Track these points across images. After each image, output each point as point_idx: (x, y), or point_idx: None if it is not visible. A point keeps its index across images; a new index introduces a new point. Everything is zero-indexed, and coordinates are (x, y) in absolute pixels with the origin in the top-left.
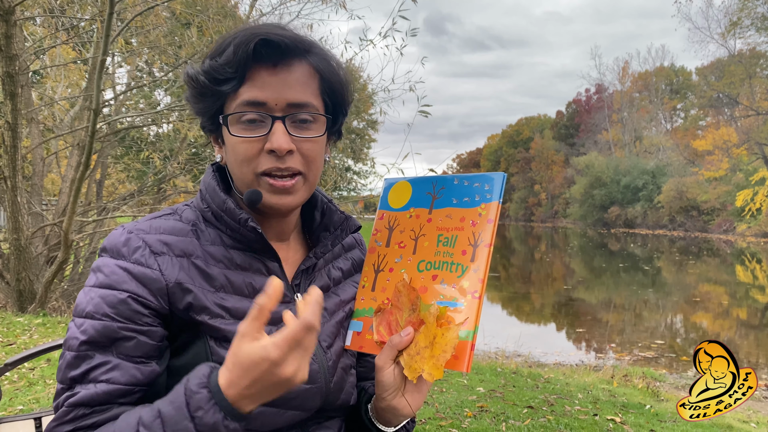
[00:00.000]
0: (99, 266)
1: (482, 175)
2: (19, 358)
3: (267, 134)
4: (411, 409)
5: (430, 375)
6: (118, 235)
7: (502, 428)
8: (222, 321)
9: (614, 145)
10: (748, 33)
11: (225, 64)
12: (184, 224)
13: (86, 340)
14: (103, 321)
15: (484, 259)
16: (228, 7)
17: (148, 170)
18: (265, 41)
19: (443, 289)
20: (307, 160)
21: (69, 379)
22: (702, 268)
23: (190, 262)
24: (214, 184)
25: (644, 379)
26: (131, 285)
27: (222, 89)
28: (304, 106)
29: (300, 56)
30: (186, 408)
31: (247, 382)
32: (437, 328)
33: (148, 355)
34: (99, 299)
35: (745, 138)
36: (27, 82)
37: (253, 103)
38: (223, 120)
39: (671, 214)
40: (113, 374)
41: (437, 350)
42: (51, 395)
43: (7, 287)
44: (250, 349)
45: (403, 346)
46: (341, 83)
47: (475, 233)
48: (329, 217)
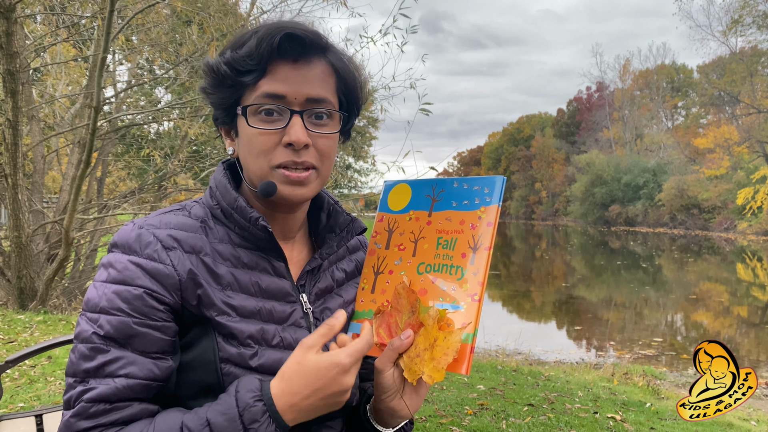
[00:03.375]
0: (110, 261)
1: (482, 178)
2: (20, 356)
3: (284, 127)
4: (409, 411)
5: (431, 377)
6: (129, 230)
7: (503, 426)
8: (228, 318)
9: (615, 143)
10: (749, 31)
11: (247, 56)
12: (194, 220)
13: (102, 335)
14: (118, 316)
15: (484, 262)
16: (229, 4)
17: (149, 168)
18: (290, 36)
19: (443, 291)
20: (322, 155)
21: (83, 371)
22: (703, 266)
23: (198, 259)
24: (225, 182)
25: (645, 377)
26: (145, 281)
27: (243, 80)
28: (322, 102)
29: (320, 53)
30: (240, 420)
31: (308, 391)
32: (438, 330)
33: (163, 350)
34: (113, 295)
35: (746, 136)
36: (28, 79)
37: (273, 96)
38: (242, 111)
39: (672, 212)
40: (131, 369)
41: (438, 353)
42: (52, 393)
43: (8, 284)
44: (319, 358)
45: (403, 349)
46: (356, 83)
47: (474, 236)
48: (335, 218)
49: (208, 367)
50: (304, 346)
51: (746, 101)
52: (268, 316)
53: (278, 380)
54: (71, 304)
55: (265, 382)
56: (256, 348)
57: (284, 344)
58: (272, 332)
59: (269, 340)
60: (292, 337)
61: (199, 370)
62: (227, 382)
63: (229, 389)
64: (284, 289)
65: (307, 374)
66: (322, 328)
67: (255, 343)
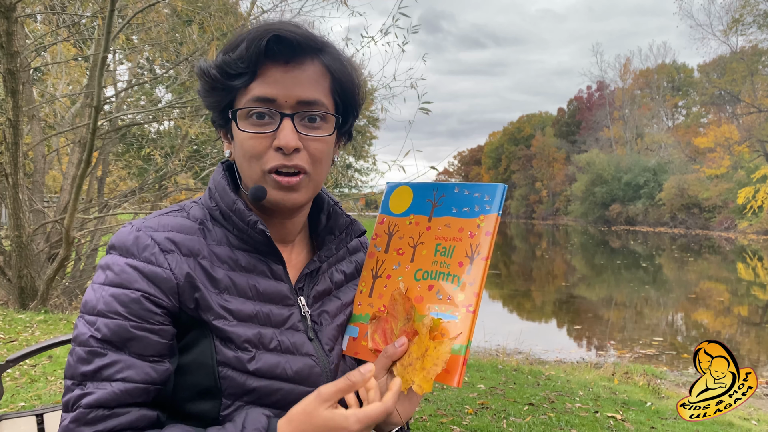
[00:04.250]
0: (108, 264)
1: (483, 185)
2: (20, 355)
3: (275, 131)
4: (401, 419)
5: (420, 387)
6: (127, 232)
7: (503, 425)
8: (225, 322)
9: (615, 143)
10: (750, 30)
11: (237, 59)
12: (192, 222)
13: (99, 338)
14: (115, 320)
15: (480, 272)
16: (229, 4)
17: (150, 167)
18: (278, 38)
19: (438, 300)
20: (314, 159)
21: (80, 374)
22: (703, 265)
23: (196, 263)
24: (224, 184)
25: (645, 377)
26: (142, 284)
27: (233, 84)
28: (313, 104)
29: (312, 55)
30: None
31: None
32: (430, 340)
33: (161, 353)
34: (110, 298)
35: (747, 135)
36: (28, 79)
37: (263, 99)
38: (232, 115)
39: (672, 212)
40: (128, 373)
41: (428, 363)
42: (53, 392)
43: (8, 284)
44: (331, 415)
45: (396, 357)
46: (353, 84)
47: (472, 245)
48: (335, 220)
49: (205, 370)
50: (320, 398)
51: (747, 100)
52: (266, 319)
53: (286, 422)
54: (72, 304)
55: (272, 419)
56: (254, 352)
57: (282, 348)
58: (270, 336)
59: (267, 343)
60: (289, 341)
61: (196, 373)
62: (224, 386)
63: (236, 420)
64: (282, 293)
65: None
66: (342, 381)
67: (252, 346)
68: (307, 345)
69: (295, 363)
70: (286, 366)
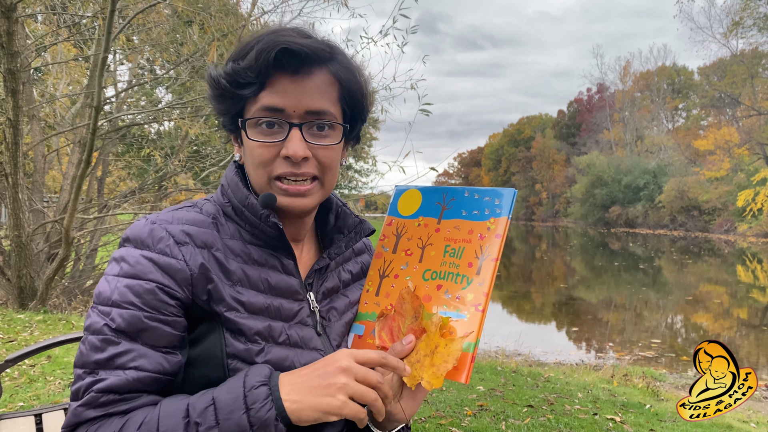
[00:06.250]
0: (122, 256)
1: (493, 190)
2: (19, 355)
3: (283, 140)
4: (405, 416)
5: (429, 384)
6: (141, 225)
7: (502, 427)
8: (237, 314)
9: (615, 145)
10: (750, 33)
11: (246, 69)
12: (205, 217)
13: (113, 328)
14: (130, 310)
15: (490, 273)
16: (230, 4)
17: (149, 168)
18: (286, 50)
19: (447, 299)
20: (323, 166)
21: (93, 362)
22: (703, 267)
23: (210, 254)
24: (237, 180)
25: (644, 379)
26: (157, 275)
27: (242, 93)
28: (321, 114)
29: (320, 64)
30: (243, 400)
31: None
32: (439, 338)
33: (173, 344)
34: (125, 288)
35: (747, 138)
36: (28, 79)
37: (272, 109)
38: (242, 124)
39: (672, 214)
40: (141, 362)
41: (438, 360)
42: (51, 392)
43: (8, 284)
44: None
45: (404, 354)
46: (361, 91)
47: (482, 246)
48: (343, 220)
49: (215, 362)
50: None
51: (747, 103)
52: (276, 313)
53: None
54: (71, 304)
55: (275, 372)
56: (263, 344)
57: (290, 342)
58: (279, 329)
59: (276, 337)
60: (298, 335)
61: (205, 365)
62: None
63: (239, 374)
64: (293, 287)
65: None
66: (375, 352)
67: (262, 339)
68: (315, 340)
69: (304, 357)
70: (295, 360)
